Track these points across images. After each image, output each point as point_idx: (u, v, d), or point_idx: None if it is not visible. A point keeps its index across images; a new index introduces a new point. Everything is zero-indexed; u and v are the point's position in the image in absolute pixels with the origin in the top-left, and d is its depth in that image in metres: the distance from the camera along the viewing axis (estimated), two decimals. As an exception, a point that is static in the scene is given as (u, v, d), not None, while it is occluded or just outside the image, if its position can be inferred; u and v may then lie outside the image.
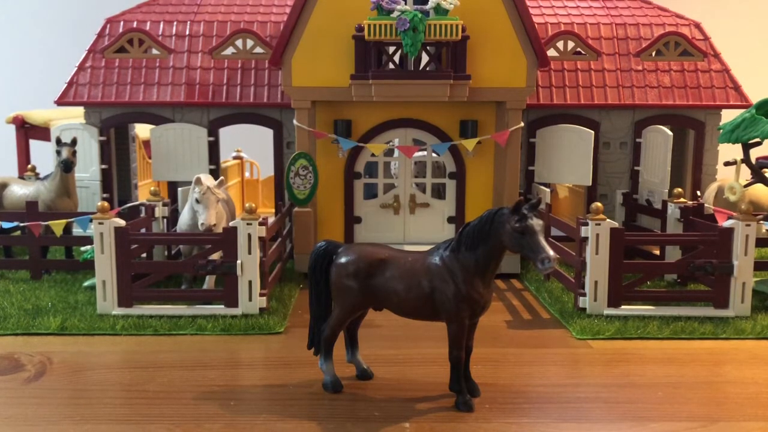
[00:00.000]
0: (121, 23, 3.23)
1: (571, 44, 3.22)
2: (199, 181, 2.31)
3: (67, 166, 2.67)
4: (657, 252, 2.78)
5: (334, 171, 2.86)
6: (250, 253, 2.16)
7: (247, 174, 4.11)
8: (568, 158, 3.01)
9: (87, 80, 3.10)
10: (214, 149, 3.12)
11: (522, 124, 2.75)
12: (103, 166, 3.18)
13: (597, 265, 2.14)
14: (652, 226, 2.94)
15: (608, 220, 2.15)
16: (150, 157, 3.28)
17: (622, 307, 2.16)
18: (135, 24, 3.22)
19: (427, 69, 2.63)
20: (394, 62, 2.67)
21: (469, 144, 2.75)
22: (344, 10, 2.63)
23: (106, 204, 2.16)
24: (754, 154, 2.39)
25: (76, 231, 2.66)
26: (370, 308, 1.55)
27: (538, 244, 1.31)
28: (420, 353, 1.80)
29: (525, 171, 3.09)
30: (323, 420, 1.40)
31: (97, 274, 2.15)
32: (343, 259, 1.49)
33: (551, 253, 1.31)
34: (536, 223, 1.32)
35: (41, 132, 3.67)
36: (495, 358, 1.53)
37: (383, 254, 1.48)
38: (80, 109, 3.21)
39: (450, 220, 2.91)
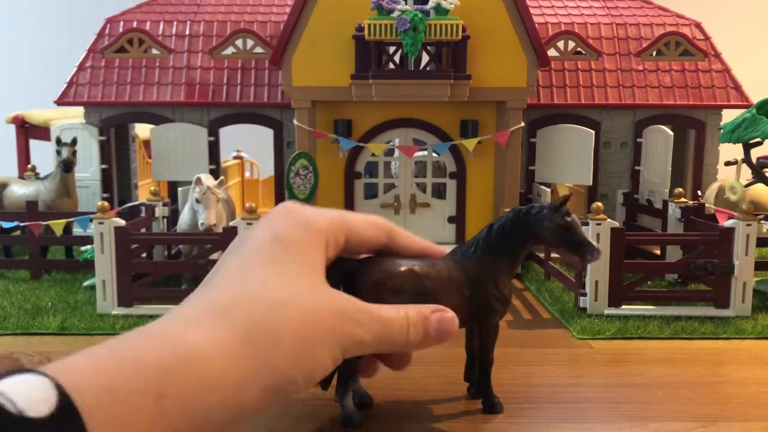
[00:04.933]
0: (121, 23, 3.23)
1: (571, 44, 3.22)
2: (199, 181, 2.31)
3: (67, 166, 2.67)
4: (658, 252, 2.77)
5: (335, 171, 2.86)
6: (250, 252, 2.15)
7: (247, 174, 4.11)
8: (569, 158, 3.01)
9: (87, 80, 3.10)
10: (214, 149, 3.12)
11: (522, 123, 2.75)
12: (103, 166, 3.18)
13: (598, 264, 2.13)
14: (652, 226, 2.94)
15: (609, 219, 2.15)
16: (150, 157, 3.28)
17: (623, 306, 2.16)
18: (135, 24, 3.22)
19: (428, 69, 2.63)
20: (394, 62, 2.67)
21: (470, 144, 2.74)
22: (344, 10, 2.63)
23: (106, 204, 2.16)
24: (755, 153, 2.39)
25: (76, 231, 2.66)
26: None
27: (585, 238, 1.34)
28: (420, 353, 1.79)
29: (525, 171, 3.09)
30: (323, 420, 1.39)
31: (97, 273, 2.15)
32: (376, 277, 1.29)
33: (597, 244, 1.35)
34: (576, 218, 1.36)
35: (41, 132, 3.67)
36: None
37: (411, 265, 1.33)
38: (80, 109, 3.22)
39: (450, 219, 2.91)
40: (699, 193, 3.17)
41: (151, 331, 0.71)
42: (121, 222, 2.17)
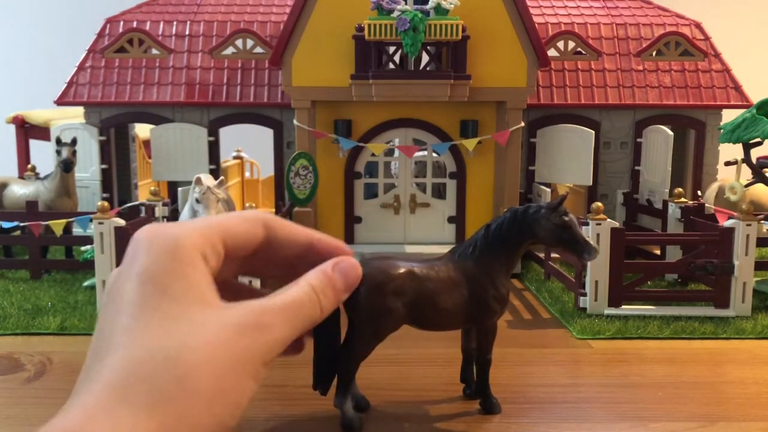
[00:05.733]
0: (121, 23, 3.23)
1: (571, 44, 3.22)
2: (199, 181, 2.31)
3: (67, 166, 2.67)
4: (658, 252, 2.77)
5: (335, 171, 2.86)
6: (250, 253, 2.15)
7: (247, 174, 4.11)
8: (569, 158, 3.01)
9: (87, 80, 3.10)
10: (214, 149, 3.12)
11: (522, 123, 2.75)
12: (103, 166, 3.18)
13: (597, 264, 2.13)
14: (652, 226, 2.94)
15: (609, 219, 2.15)
16: (150, 157, 3.28)
17: (623, 306, 2.16)
18: (135, 24, 3.22)
19: (428, 69, 2.62)
20: (394, 62, 2.67)
21: (470, 144, 2.74)
22: (344, 10, 2.63)
23: (106, 204, 2.16)
24: (755, 153, 2.39)
25: (76, 231, 2.66)
26: None
27: (582, 237, 1.34)
28: (420, 353, 1.80)
29: (525, 171, 3.09)
30: (323, 420, 1.40)
31: (97, 274, 2.15)
32: (376, 279, 1.29)
33: (594, 243, 1.36)
34: (573, 218, 1.36)
35: (41, 132, 3.67)
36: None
37: (410, 266, 1.34)
38: (80, 109, 3.21)
39: (450, 219, 2.91)
40: (699, 193, 3.17)
41: (57, 428, 0.68)
42: (121, 222, 2.17)
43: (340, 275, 1.04)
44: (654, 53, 3.24)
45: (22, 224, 2.59)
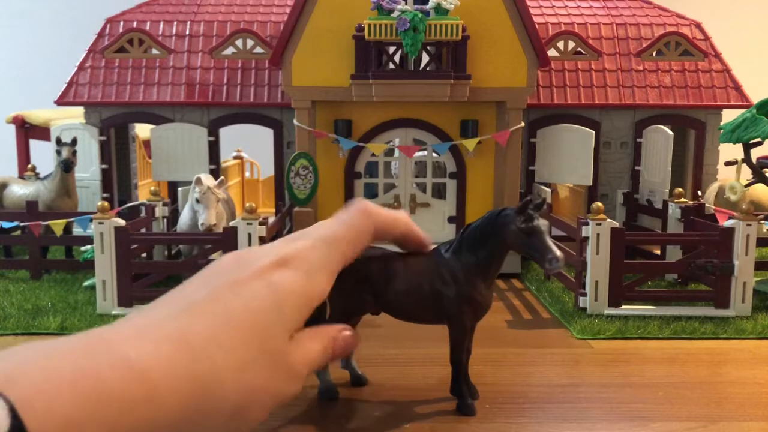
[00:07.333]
0: (121, 23, 3.23)
1: (571, 44, 3.22)
2: (199, 181, 2.31)
3: (67, 166, 2.67)
4: (658, 252, 2.77)
5: (335, 171, 2.86)
6: (250, 252, 2.15)
7: (247, 174, 4.11)
8: (569, 158, 3.01)
9: (87, 80, 3.10)
10: (214, 149, 3.12)
11: (522, 123, 2.75)
12: (103, 166, 3.18)
13: (597, 264, 2.13)
14: (652, 226, 2.94)
15: (609, 219, 2.15)
16: (150, 157, 3.28)
17: (623, 306, 2.16)
18: (135, 24, 3.22)
19: (428, 69, 2.62)
20: (394, 62, 2.67)
21: (470, 144, 2.74)
22: (344, 10, 2.63)
23: (106, 204, 2.16)
24: (755, 153, 2.39)
25: (76, 231, 2.66)
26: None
27: (545, 244, 1.29)
28: (420, 353, 1.79)
29: (525, 171, 3.09)
30: (322, 420, 1.40)
31: (97, 273, 2.15)
32: (349, 266, 1.40)
33: (558, 253, 1.28)
34: (542, 223, 1.31)
35: (41, 132, 3.67)
36: (495, 358, 1.53)
37: (384, 257, 1.40)
38: (80, 109, 3.21)
39: (450, 219, 2.91)
40: (699, 193, 3.17)
41: (111, 347, 0.63)
42: (121, 222, 2.17)
43: (342, 341, 1.10)
44: (654, 53, 3.24)
45: (22, 224, 2.60)
